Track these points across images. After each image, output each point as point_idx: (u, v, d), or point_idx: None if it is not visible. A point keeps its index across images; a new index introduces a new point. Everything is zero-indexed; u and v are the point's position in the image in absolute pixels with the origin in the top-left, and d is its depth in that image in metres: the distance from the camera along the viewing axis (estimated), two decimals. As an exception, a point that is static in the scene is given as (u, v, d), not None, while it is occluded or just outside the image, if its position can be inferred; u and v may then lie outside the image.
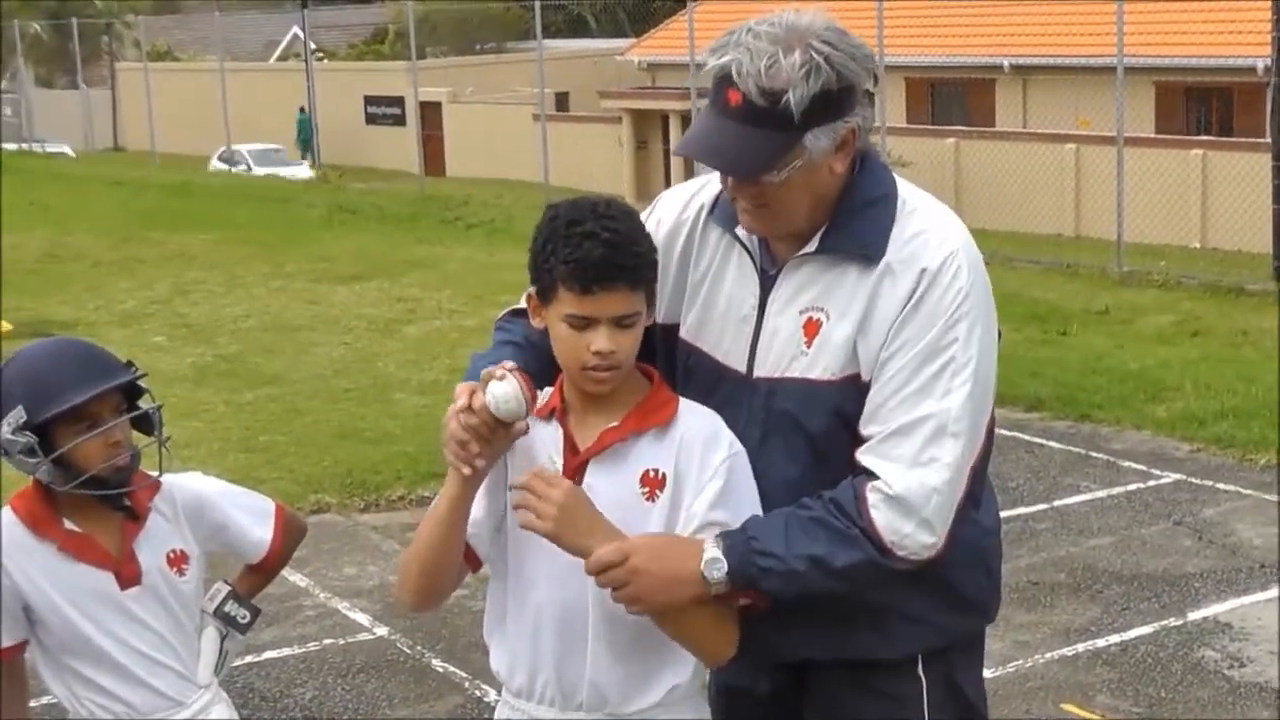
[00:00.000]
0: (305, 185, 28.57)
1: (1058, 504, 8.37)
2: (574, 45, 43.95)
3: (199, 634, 3.42)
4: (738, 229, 2.86)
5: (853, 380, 2.75)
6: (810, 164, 2.70)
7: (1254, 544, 7.61)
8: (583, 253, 2.63)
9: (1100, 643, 6.45)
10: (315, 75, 34.02)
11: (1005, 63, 28.49)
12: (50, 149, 39.07)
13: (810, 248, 2.80)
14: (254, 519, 3.51)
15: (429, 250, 18.50)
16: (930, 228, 2.78)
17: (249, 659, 6.32)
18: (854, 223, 2.78)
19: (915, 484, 2.67)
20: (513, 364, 2.70)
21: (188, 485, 3.46)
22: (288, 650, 6.54)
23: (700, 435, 2.76)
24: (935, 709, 2.93)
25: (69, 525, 3.27)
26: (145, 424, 3.34)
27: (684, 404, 2.81)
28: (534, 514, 2.65)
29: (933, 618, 2.90)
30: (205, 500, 3.45)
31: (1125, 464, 9.12)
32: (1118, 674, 6.15)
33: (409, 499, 8.55)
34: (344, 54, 51.64)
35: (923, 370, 2.70)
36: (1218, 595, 6.96)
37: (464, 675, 6.23)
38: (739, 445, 2.78)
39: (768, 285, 2.84)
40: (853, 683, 2.93)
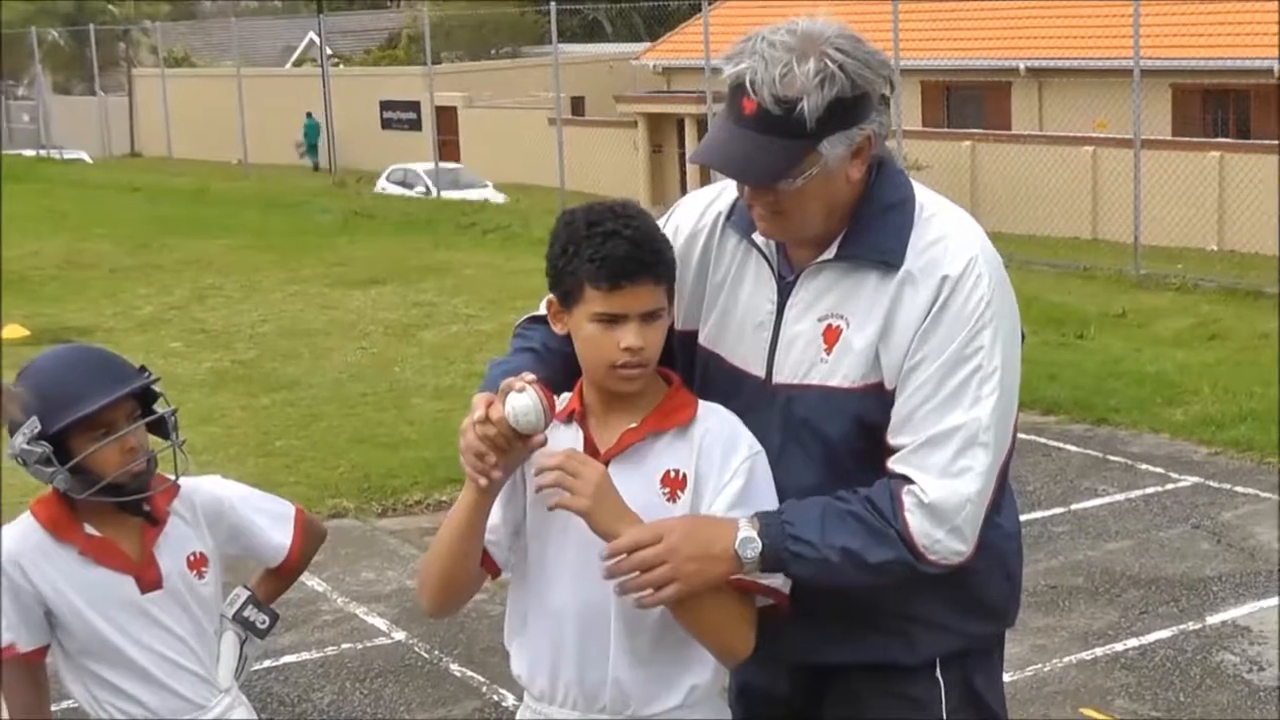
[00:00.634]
0: (321, 190, 28.59)
1: (1075, 507, 8.36)
2: (589, 49, 44.03)
3: (219, 637, 3.43)
4: (755, 235, 2.87)
5: (875, 388, 2.76)
6: (826, 171, 2.71)
7: (1272, 547, 7.59)
8: (608, 250, 2.66)
9: (1118, 646, 6.44)
10: (331, 80, 34.11)
11: (1021, 66, 28.45)
12: (68, 155, 39.21)
13: (828, 254, 2.81)
14: (273, 523, 3.51)
15: (445, 255, 18.52)
16: (949, 234, 2.79)
17: (267, 663, 6.34)
18: (872, 229, 2.78)
19: (949, 493, 2.69)
20: (533, 376, 2.71)
21: (207, 488, 3.47)
22: (306, 655, 6.56)
23: (720, 436, 2.77)
24: (953, 712, 2.94)
25: (89, 530, 3.28)
26: (160, 428, 3.35)
27: (703, 405, 2.82)
28: (569, 493, 2.65)
29: (953, 623, 2.91)
30: (225, 503, 3.46)
31: (1143, 467, 9.10)
32: (1136, 678, 6.14)
33: (426, 503, 8.57)
34: (360, 59, 51.76)
35: (950, 379, 2.71)
36: (1236, 599, 6.94)
37: (482, 680, 6.24)
38: (758, 445, 2.79)
39: (785, 291, 2.85)
40: (871, 686, 2.94)
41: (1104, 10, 24.87)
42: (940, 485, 2.68)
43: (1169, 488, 8.69)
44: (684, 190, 31.01)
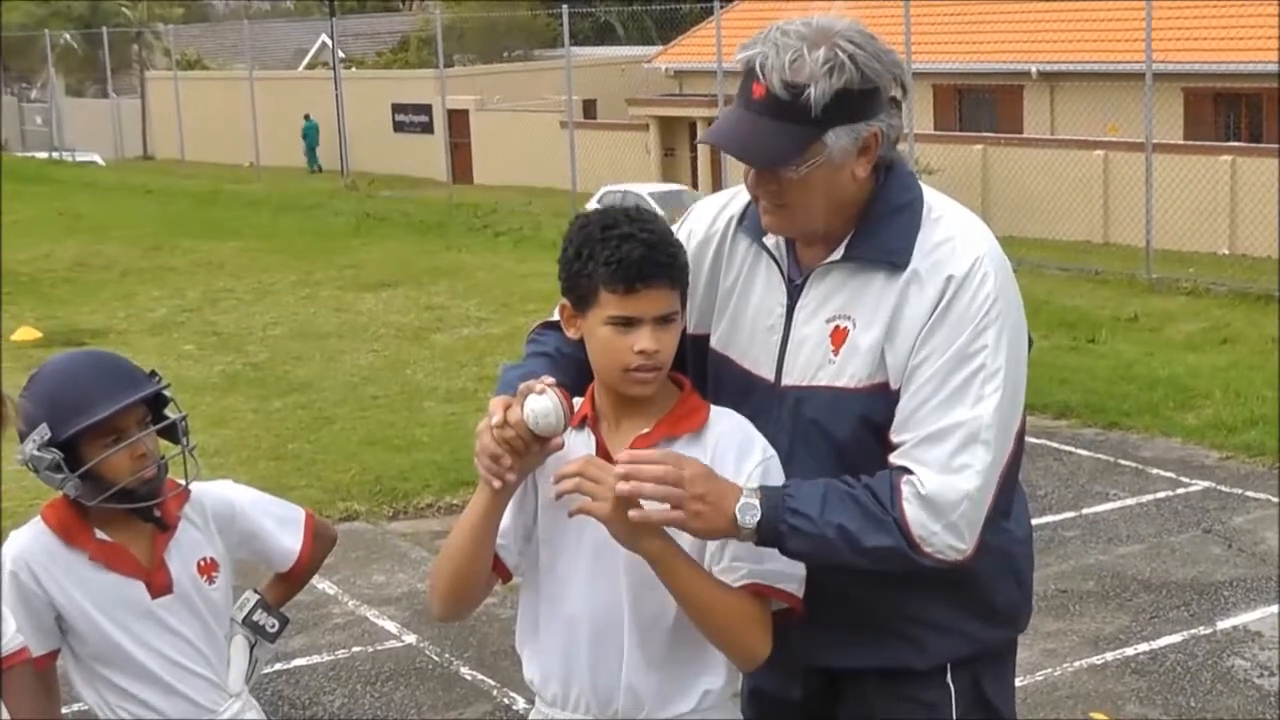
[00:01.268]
0: (332, 193, 28.64)
1: (1086, 512, 8.36)
2: (601, 52, 44.01)
3: (229, 642, 3.44)
4: (765, 238, 2.88)
5: (881, 388, 2.76)
6: (830, 163, 2.72)
7: (1284, 552, 7.59)
8: (623, 253, 2.66)
9: (1129, 651, 6.44)
10: (343, 83, 34.15)
11: (1033, 69, 28.40)
12: (80, 158, 39.34)
13: (836, 255, 2.82)
14: (284, 527, 3.51)
15: (457, 258, 18.55)
16: (956, 234, 2.79)
17: (278, 666, 6.35)
18: (880, 230, 2.79)
19: (947, 487, 2.68)
20: (552, 379, 2.71)
21: (218, 493, 3.47)
22: (316, 658, 6.57)
23: (734, 440, 2.77)
24: (963, 716, 2.95)
25: (100, 535, 3.28)
26: (172, 434, 3.34)
27: (715, 410, 2.82)
28: (589, 498, 2.64)
29: (963, 627, 2.91)
30: (235, 508, 3.47)
31: (1154, 471, 9.09)
32: (1147, 683, 6.13)
33: (437, 506, 8.58)
34: (372, 62, 51.79)
35: (953, 377, 2.71)
36: (1247, 604, 6.93)
37: (492, 683, 6.24)
38: (771, 450, 2.79)
39: (795, 294, 2.86)
40: (882, 689, 2.95)
41: (1116, 13, 24.84)
42: (938, 479, 2.67)
43: (1180, 492, 8.68)
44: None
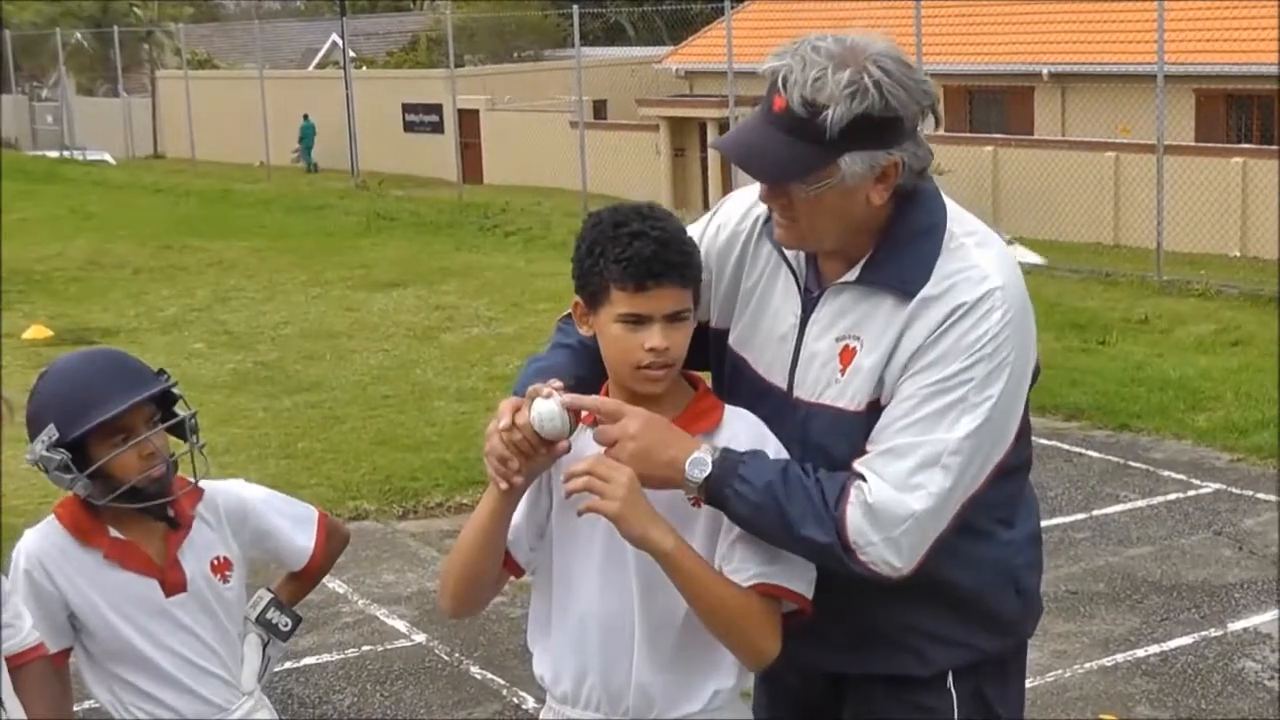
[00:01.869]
0: (343, 192, 28.66)
1: (1097, 513, 8.34)
2: (612, 53, 43.97)
3: (242, 640, 3.44)
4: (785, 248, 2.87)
5: (874, 406, 2.75)
6: (844, 187, 2.69)
7: (1295, 554, 7.57)
8: (634, 251, 2.66)
9: (1140, 653, 6.43)
10: (354, 83, 34.16)
11: (1044, 70, 28.35)
12: (91, 156, 39.39)
13: (851, 276, 2.79)
14: (296, 526, 3.52)
15: (467, 258, 18.56)
16: (974, 265, 2.74)
17: (288, 665, 6.35)
18: (897, 255, 2.75)
19: (895, 502, 2.64)
20: (560, 383, 2.71)
21: (231, 491, 3.48)
22: (327, 656, 6.57)
23: (748, 442, 2.76)
24: (966, 719, 2.94)
25: (113, 533, 3.29)
26: (180, 431, 3.34)
27: (729, 409, 2.83)
28: (599, 496, 2.65)
29: (963, 637, 2.91)
30: (248, 507, 3.47)
31: (1165, 473, 9.08)
32: (1157, 685, 6.12)
33: (447, 506, 8.58)
34: (382, 62, 51.80)
35: (931, 402, 2.67)
36: (1258, 606, 6.92)
37: (502, 682, 6.24)
38: (784, 451, 2.78)
39: (809, 306, 2.85)
40: (886, 694, 2.95)
41: (1128, 14, 24.81)
42: (889, 493, 2.64)
43: (1191, 494, 8.66)
44: (706, 194, 31.04)
